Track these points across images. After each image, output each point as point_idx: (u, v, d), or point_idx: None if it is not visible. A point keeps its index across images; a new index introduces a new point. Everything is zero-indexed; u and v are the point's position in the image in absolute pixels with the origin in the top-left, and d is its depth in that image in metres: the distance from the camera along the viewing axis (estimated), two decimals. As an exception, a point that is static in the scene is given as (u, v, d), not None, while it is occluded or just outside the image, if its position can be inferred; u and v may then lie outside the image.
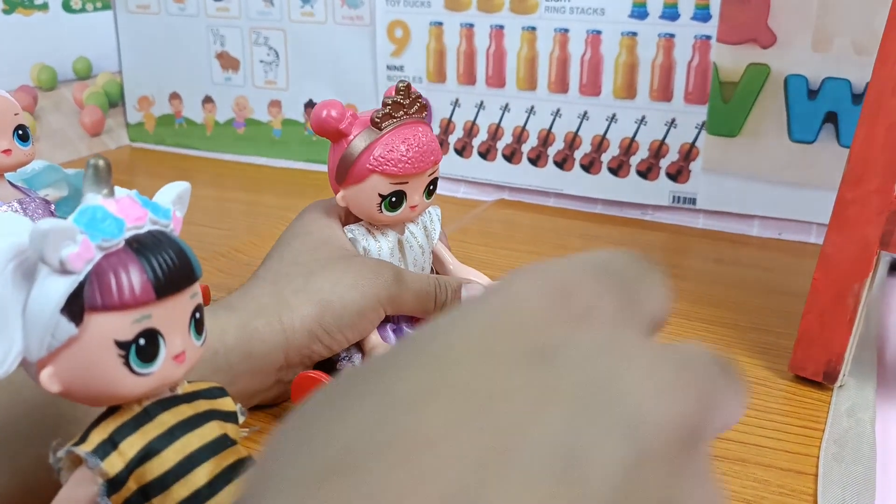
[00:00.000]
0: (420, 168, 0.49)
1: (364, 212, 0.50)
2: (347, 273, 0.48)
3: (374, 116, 0.48)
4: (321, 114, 0.48)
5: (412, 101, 0.49)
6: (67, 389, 0.29)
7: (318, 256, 0.49)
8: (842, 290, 0.50)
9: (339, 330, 0.47)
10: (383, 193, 0.48)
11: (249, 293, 0.47)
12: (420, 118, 0.50)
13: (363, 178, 0.48)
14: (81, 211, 0.29)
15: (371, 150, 0.48)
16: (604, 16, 0.81)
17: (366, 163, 0.48)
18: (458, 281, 0.52)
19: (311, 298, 0.46)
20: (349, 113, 0.49)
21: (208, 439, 0.32)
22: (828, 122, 0.75)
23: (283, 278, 0.48)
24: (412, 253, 0.52)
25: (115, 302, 0.28)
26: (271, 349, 0.45)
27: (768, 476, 0.43)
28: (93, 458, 0.29)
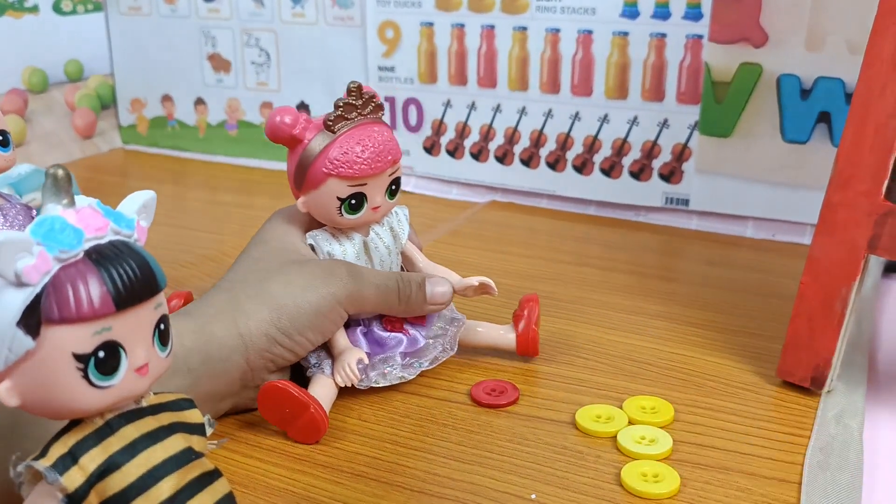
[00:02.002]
0: (377, 169, 0.48)
1: (325, 216, 0.49)
2: (300, 275, 0.48)
3: (327, 119, 0.48)
4: (274, 120, 0.48)
5: (366, 102, 0.49)
6: (26, 403, 0.29)
7: (273, 263, 0.49)
8: (830, 295, 0.49)
9: (297, 332, 0.47)
10: (341, 197, 0.48)
11: (206, 300, 0.48)
12: (376, 118, 0.50)
13: (320, 182, 0.48)
14: (39, 222, 0.28)
15: (325, 153, 0.47)
16: (595, 15, 0.81)
17: (321, 167, 0.47)
18: (422, 275, 0.52)
19: (264, 302, 0.47)
20: (303, 118, 0.48)
21: (172, 452, 0.31)
22: (821, 122, 0.74)
23: (239, 284, 0.48)
24: (378, 254, 0.52)
25: (73, 314, 0.27)
26: (230, 352, 0.46)
27: (751, 485, 0.43)
28: (52, 472, 0.29)
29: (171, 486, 0.30)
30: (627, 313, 0.63)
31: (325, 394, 0.48)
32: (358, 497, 0.42)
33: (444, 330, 0.53)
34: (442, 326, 0.53)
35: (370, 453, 0.46)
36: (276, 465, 0.45)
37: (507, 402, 0.50)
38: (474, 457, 0.45)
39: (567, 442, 0.47)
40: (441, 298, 0.51)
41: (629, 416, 0.48)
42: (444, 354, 0.52)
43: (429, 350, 0.52)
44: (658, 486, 0.42)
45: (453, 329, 0.53)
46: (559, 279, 0.70)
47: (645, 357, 0.56)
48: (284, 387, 0.45)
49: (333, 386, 0.49)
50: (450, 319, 0.53)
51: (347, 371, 0.48)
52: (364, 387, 0.49)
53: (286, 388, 0.45)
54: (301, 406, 0.45)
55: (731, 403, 0.50)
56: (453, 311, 0.54)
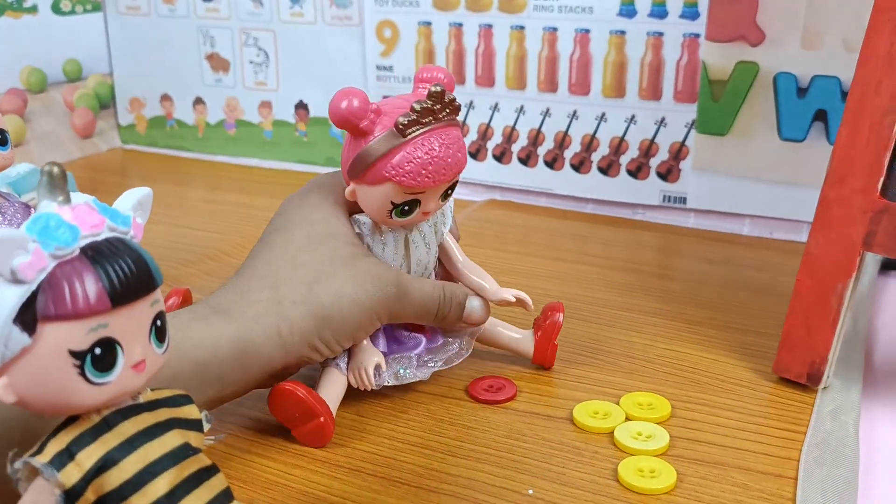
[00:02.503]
0: (439, 181, 0.45)
1: (373, 212, 0.47)
2: (350, 283, 0.45)
3: (400, 122, 0.44)
4: (340, 105, 0.44)
5: (444, 106, 0.45)
6: (23, 400, 0.29)
7: (321, 257, 0.46)
8: (825, 291, 0.50)
9: (336, 342, 0.46)
10: (396, 202, 0.45)
11: (246, 297, 0.45)
12: (451, 121, 0.46)
13: (378, 182, 0.45)
14: (34, 219, 0.28)
15: (390, 156, 0.44)
16: (592, 14, 0.81)
17: (382, 169, 0.44)
18: (465, 293, 0.50)
19: (311, 312, 0.45)
20: (372, 108, 0.44)
21: (169, 448, 0.31)
22: (817, 120, 0.74)
23: (284, 283, 0.45)
24: (417, 253, 0.49)
25: (69, 311, 0.28)
26: (268, 361, 0.44)
27: (748, 480, 0.43)
28: (48, 469, 0.29)
29: (168, 481, 0.30)
30: (625, 310, 0.63)
31: (335, 391, 0.48)
32: (355, 492, 0.42)
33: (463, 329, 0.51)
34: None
35: (368, 448, 0.46)
36: (273, 460, 0.45)
37: (504, 399, 0.50)
38: (472, 452, 0.45)
39: (564, 438, 0.47)
40: (478, 318, 0.50)
41: (626, 412, 0.48)
42: (458, 357, 0.51)
43: (445, 348, 0.51)
44: (655, 482, 0.42)
45: (470, 329, 0.52)
46: (557, 277, 0.70)
47: (642, 354, 0.56)
48: (297, 391, 0.44)
49: (345, 382, 0.48)
50: None
51: (363, 376, 0.47)
52: (377, 387, 0.48)
53: (299, 393, 0.44)
54: (312, 413, 0.45)
55: (727, 399, 0.50)
56: None
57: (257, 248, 0.48)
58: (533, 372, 0.54)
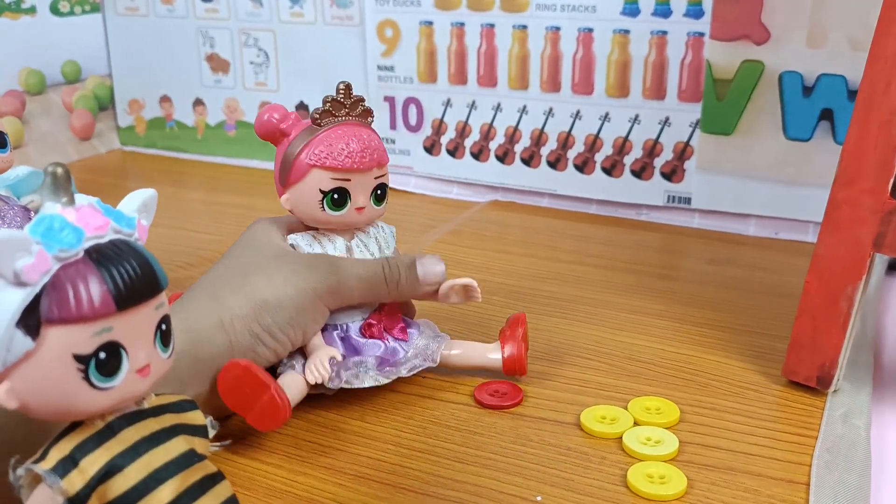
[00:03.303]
0: (361, 164, 0.47)
1: (307, 212, 0.49)
2: (281, 269, 0.47)
3: (314, 113, 0.48)
4: (263, 117, 0.48)
5: (354, 103, 0.48)
6: (26, 405, 0.28)
7: (254, 259, 0.48)
8: (835, 293, 0.49)
9: (279, 329, 0.46)
10: (324, 189, 0.47)
11: (188, 297, 0.47)
12: (364, 122, 0.49)
13: (303, 174, 0.47)
14: (38, 220, 0.28)
15: (311, 145, 0.47)
16: (595, 13, 0.80)
17: (305, 159, 0.47)
18: (412, 256, 0.50)
19: (247, 296, 0.46)
20: (293, 115, 0.49)
21: (174, 455, 0.31)
22: (823, 120, 0.73)
23: (220, 280, 0.48)
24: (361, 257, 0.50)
25: (73, 314, 0.27)
26: (217, 351, 0.45)
27: (759, 485, 0.42)
28: (52, 476, 0.28)
29: (173, 489, 0.30)
30: (630, 312, 0.62)
31: (295, 391, 0.47)
32: (361, 499, 0.42)
33: (425, 347, 0.51)
34: (424, 344, 0.51)
35: (373, 455, 0.45)
36: (277, 467, 0.44)
37: (510, 404, 0.50)
38: (478, 458, 0.45)
39: (572, 443, 0.46)
40: (435, 278, 0.50)
41: (634, 416, 0.48)
42: (424, 363, 0.50)
43: (407, 361, 0.50)
44: (665, 488, 0.41)
45: (435, 344, 0.51)
46: (560, 278, 0.69)
47: (648, 357, 0.56)
48: (246, 366, 0.43)
49: (303, 384, 0.47)
50: (433, 336, 0.52)
51: (319, 367, 0.46)
52: (335, 387, 0.47)
53: (247, 367, 0.43)
54: (261, 386, 0.43)
55: (736, 403, 0.50)
56: (436, 330, 0.53)
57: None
58: (538, 376, 0.53)
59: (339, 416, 0.49)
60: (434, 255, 0.51)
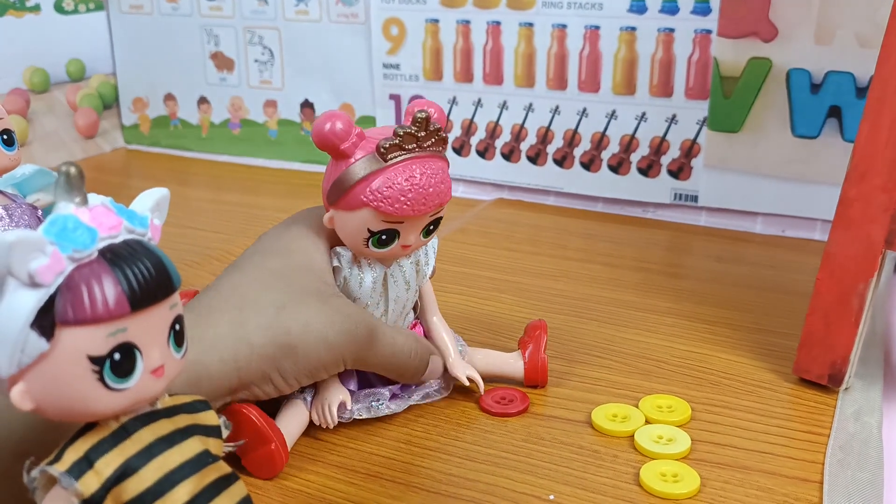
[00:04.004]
0: (419, 212, 0.43)
1: (349, 241, 0.45)
2: (320, 315, 0.43)
3: (381, 145, 0.42)
4: (323, 127, 0.43)
5: (429, 135, 0.43)
6: (40, 406, 0.28)
7: (293, 287, 0.44)
8: (846, 291, 0.49)
9: (294, 377, 0.43)
10: (373, 230, 0.44)
11: (207, 318, 0.42)
12: (436, 152, 0.44)
13: (355, 207, 0.43)
14: (52, 221, 0.28)
15: (369, 181, 0.42)
16: (602, 10, 0.80)
17: (360, 193, 0.43)
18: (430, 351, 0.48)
19: (275, 339, 0.42)
20: (356, 131, 0.43)
21: (189, 456, 0.30)
22: (831, 117, 0.73)
23: (250, 306, 0.43)
24: (396, 289, 0.47)
25: (88, 315, 0.27)
26: (219, 388, 0.41)
27: (772, 484, 0.42)
28: (67, 477, 0.28)
29: (189, 490, 0.30)
30: (638, 310, 0.62)
31: (295, 427, 0.45)
32: (374, 498, 0.42)
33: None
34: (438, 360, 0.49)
35: (384, 453, 0.45)
36: (289, 466, 0.44)
37: (516, 412, 0.49)
38: (490, 457, 0.45)
39: (583, 441, 0.46)
40: (431, 376, 0.48)
41: (646, 415, 0.48)
42: (438, 394, 0.49)
43: (421, 388, 0.49)
44: (678, 486, 0.41)
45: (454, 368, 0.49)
46: (568, 276, 0.69)
47: (658, 355, 0.55)
48: (248, 413, 0.42)
49: (306, 419, 0.46)
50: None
51: (326, 414, 0.45)
52: (346, 419, 0.46)
53: (250, 415, 0.42)
54: (263, 439, 0.42)
55: (747, 401, 0.50)
56: (458, 339, 0.51)
57: (227, 271, 0.46)
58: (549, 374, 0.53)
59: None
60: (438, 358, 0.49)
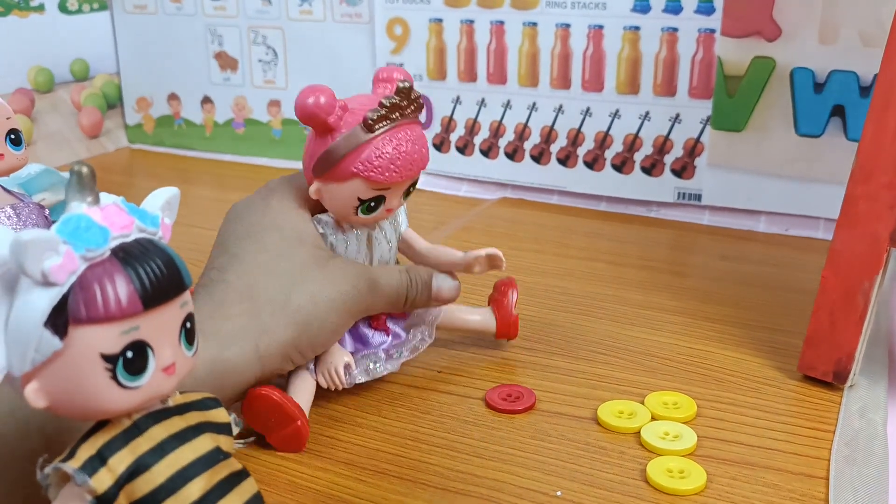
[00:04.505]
0: (406, 177, 0.46)
1: (337, 211, 0.47)
2: (325, 286, 0.45)
3: (369, 118, 0.44)
4: (307, 101, 0.44)
5: (410, 102, 0.46)
6: (53, 404, 0.28)
7: (295, 263, 0.46)
8: (851, 288, 0.49)
9: (311, 349, 0.46)
10: (363, 198, 0.46)
11: (222, 311, 0.44)
12: (414, 118, 0.47)
13: (345, 179, 0.45)
14: (65, 220, 0.28)
15: (358, 152, 0.44)
16: (605, 10, 0.80)
17: (350, 165, 0.44)
18: (429, 273, 0.50)
19: (290, 320, 0.44)
20: (339, 104, 0.44)
21: (201, 453, 0.31)
22: (835, 116, 0.73)
23: (262, 294, 0.44)
24: (379, 249, 0.50)
25: (101, 314, 0.27)
26: (244, 378, 0.43)
27: (778, 480, 0.42)
28: (80, 474, 0.28)
29: (201, 487, 0.30)
30: (642, 308, 0.62)
31: (306, 395, 0.47)
32: (382, 495, 0.42)
33: (421, 317, 0.51)
34: (420, 313, 0.51)
35: (391, 450, 0.46)
36: (297, 463, 0.45)
37: (523, 408, 0.49)
38: (497, 453, 0.45)
39: (590, 438, 0.46)
40: (447, 295, 0.50)
41: (651, 411, 0.48)
42: (423, 343, 0.51)
43: (408, 341, 0.50)
44: (684, 483, 0.41)
45: (430, 316, 0.51)
46: (572, 275, 0.69)
47: (663, 352, 0.56)
48: (272, 395, 0.44)
49: (314, 385, 0.47)
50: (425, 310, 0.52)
51: (333, 376, 0.47)
52: (348, 386, 0.48)
53: (274, 397, 0.44)
54: (288, 418, 0.44)
55: (753, 398, 0.50)
56: None
57: (225, 259, 0.47)
58: (554, 371, 0.53)
59: (356, 411, 0.49)
60: (449, 274, 0.50)
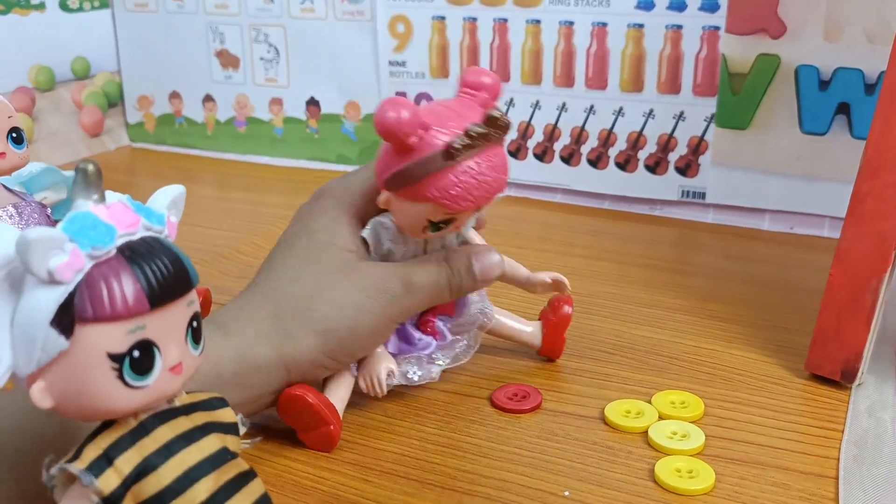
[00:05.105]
0: (482, 203, 0.43)
1: (405, 225, 0.45)
2: (352, 293, 0.44)
3: (454, 145, 0.41)
4: (386, 115, 0.41)
5: (497, 129, 0.42)
6: (59, 404, 0.28)
7: (320, 269, 0.44)
8: (859, 287, 0.49)
9: (346, 354, 0.45)
10: (434, 220, 0.44)
11: (247, 313, 0.44)
12: (499, 142, 0.44)
13: (420, 200, 0.43)
14: (70, 218, 0.28)
15: (436, 178, 0.41)
16: (609, 7, 0.80)
17: (426, 189, 0.42)
18: (467, 254, 0.46)
19: (314, 328, 0.43)
20: (422, 125, 0.41)
21: (208, 453, 0.30)
22: (840, 114, 0.73)
23: (285, 299, 0.44)
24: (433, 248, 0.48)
25: (107, 313, 0.27)
26: (271, 380, 0.43)
27: (788, 480, 0.42)
28: (87, 475, 0.28)
29: (208, 487, 0.30)
30: (647, 307, 0.62)
31: (343, 392, 0.47)
32: (389, 495, 0.42)
33: (471, 323, 0.50)
34: (473, 315, 0.50)
35: (397, 450, 0.45)
36: (302, 463, 0.44)
37: (530, 408, 0.49)
38: (503, 453, 0.45)
39: (597, 438, 0.46)
40: (491, 273, 0.47)
41: (659, 411, 0.48)
42: (466, 355, 0.50)
43: (454, 345, 0.49)
44: (693, 482, 0.41)
45: (480, 322, 0.50)
46: (576, 273, 0.69)
47: (669, 351, 0.55)
48: (307, 397, 0.43)
49: (351, 384, 0.47)
50: (479, 310, 0.50)
51: (376, 384, 0.46)
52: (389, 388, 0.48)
53: (309, 399, 0.43)
54: (322, 421, 0.44)
55: (760, 398, 0.50)
56: (484, 298, 0.51)
57: (265, 263, 0.47)
58: (560, 370, 0.53)
59: (361, 411, 0.49)
60: (487, 246, 0.48)
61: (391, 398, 0.50)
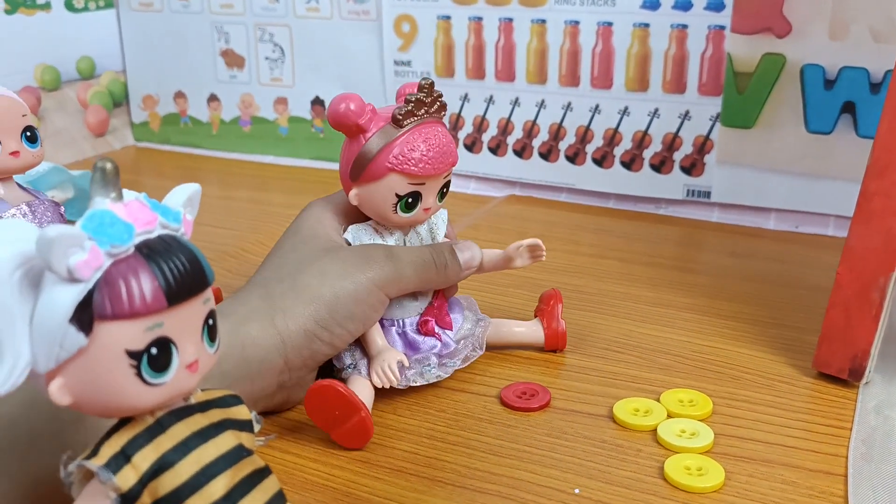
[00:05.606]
0: (439, 169, 0.47)
1: (377, 212, 0.48)
2: (335, 263, 0.47)
3: (397, 113, 0.46)
4: (339, 107, 0.47)
5: (433, 100, 0.48)
6: (77, 401, 0.28)
7: (304, 253, 0.48)
8: (867, 284, 0.49)
9: (337, 324, 0.46)
10: (400, 193, 0.47)
11: (238, 298, 0.46)
12: (438, 118, 0.49)
13: (380, 176, 0.47)
14: (89, 216, 0.28)
15: (391, 147, 0.46)
16: (615, 7, 0.80)
17: (384, 161, 0.46)
18: (449, 243, 0.51)
19: (300, 295, 0.45)
20: (369, 107, 0.47)
21: (224, 450, 0.31)
22: (845, 113, 0.73)
23: (272, 280, 0.47)
24: None
25: (126, 310, 0.27)
26: (267, 353, 0.44)
27: (796, 477, 0.42)
28: (105, 472, 0.28)
29: (224, 484, 0.30)
30: (654, 306, 0.62)
31: (365, 396, 0.47)
32: (399, 493, 0.42)
33: (471, 331, 0.52)
34: (469, 328, 0.52)
35: (408, 448, 0.45)
36: (313, 461, 0.44)
37: (539, 406, 0.49)
38: (513, 451, 0.45)
39: (606, 436, 0.46)
40: (472, 251, 0.51)
41: (667, 409, 0.48)
42: (475, 354, 0.51)
43: (460, 351, 0.51)
44: (703, 480, 0.41)
45: (480, 329, 0.52)
46: (582, 272, 0.69)
47: (677, 349, 0.56)
48: (335, 387, 0.44)
49: (371, 387, 0.48)
50: (475, 321, 0.53)
51: (388, 372, 0.47)
52: (403, 386, 0.48)
53: (338, 389, 0.44)
54: (352, 409, 0.44)
55: (768, 396, 0.50)
56: (477, 312, 0.54)
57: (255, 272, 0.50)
58: (568, 369, 0.53)
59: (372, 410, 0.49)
60: (467, 241, 0.52)
61: (401, 396, 0.50)
